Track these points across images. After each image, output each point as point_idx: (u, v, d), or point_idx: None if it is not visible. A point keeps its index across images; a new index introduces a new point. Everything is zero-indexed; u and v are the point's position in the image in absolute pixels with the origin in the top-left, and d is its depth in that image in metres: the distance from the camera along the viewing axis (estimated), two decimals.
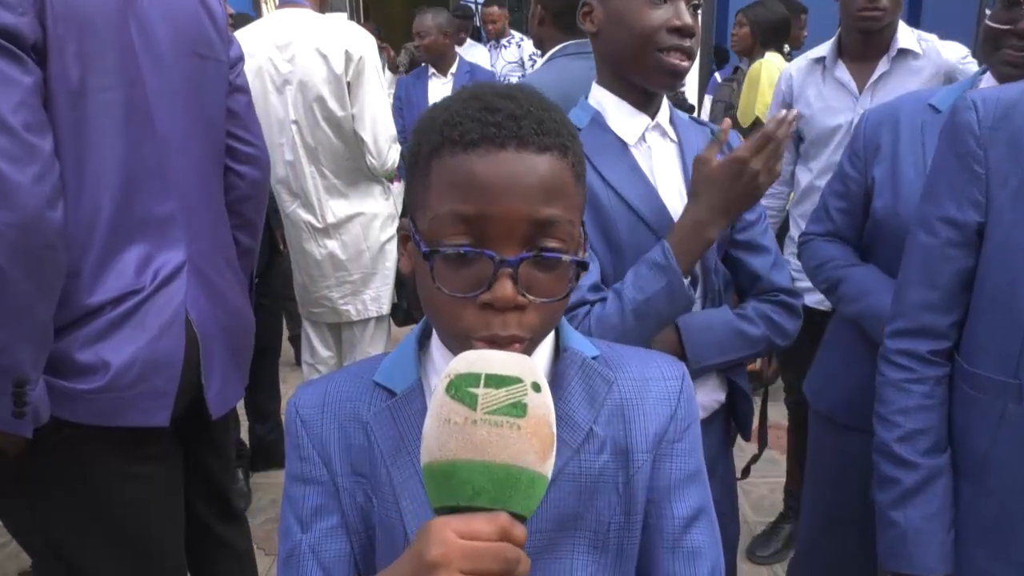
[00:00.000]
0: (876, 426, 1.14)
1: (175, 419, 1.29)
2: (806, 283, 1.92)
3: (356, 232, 2.44)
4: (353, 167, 2.39)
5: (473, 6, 6.57)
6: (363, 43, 2.27)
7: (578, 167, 0.69)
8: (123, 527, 1.30)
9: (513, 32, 5.69)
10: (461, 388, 0.57)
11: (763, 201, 2.29)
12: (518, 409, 0.56)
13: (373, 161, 2.34)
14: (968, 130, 1.03)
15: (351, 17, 6.06)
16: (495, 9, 5.56)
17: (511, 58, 5.54)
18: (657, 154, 1.24)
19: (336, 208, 2.42)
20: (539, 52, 5.73)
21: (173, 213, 1.27)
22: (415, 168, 0.69)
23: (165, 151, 1.26)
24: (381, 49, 4.14)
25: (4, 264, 1.00)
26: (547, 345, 0.78)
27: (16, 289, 1.02)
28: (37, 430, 1.12)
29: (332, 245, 2.45)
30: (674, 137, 1.26)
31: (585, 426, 0.74)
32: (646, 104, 1.23)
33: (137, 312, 1.21)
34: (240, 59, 1.49)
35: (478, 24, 6.25)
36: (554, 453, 0.58)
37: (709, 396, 1.30)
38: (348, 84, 2.26)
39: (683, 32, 1.14)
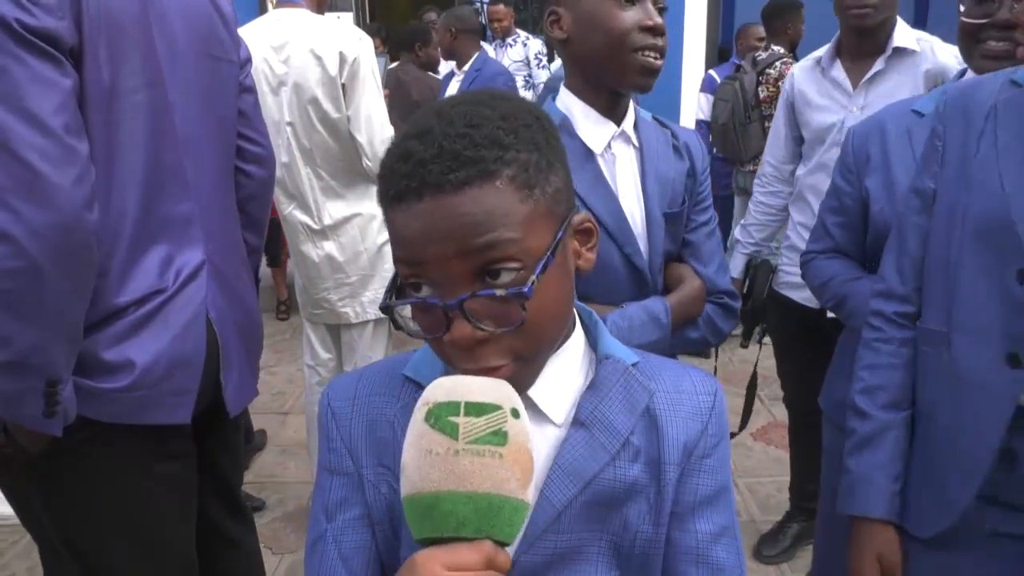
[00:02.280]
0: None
1: (193, 417, 1.31)
2: (795, 278, 1.93)
3: (353, 234, 2.42)
4: (349, 168, 2.38)
5: (479, 5, 6.57)
6: (358, 44, 2.25)
7: (525, 174, 0.64)
8: (141, 525, 1.31)
9: (519, 31, 5.67)
10: (441, 417, 0.57)
11: (764, 199, 2.37)
12: (499, 437, 0.56)
13: (369, 163, 2.32)
14: (937, 115, 1.14)
15: (357, 17, 6.06)
16: (501, 7, 5.54)
17: (517, 57, 5.53)
18: (620, 162, 1.27)
19: (333, 209, 2.40)
20: (544, 52, 5.69)
21: (192, 213, 1.29)
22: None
23: (184, 152, 1.28)
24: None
25: (45, 265, 1.02)
26: (579, 350, 0.78)
27: (55, 289, 1.04)
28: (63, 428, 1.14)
29: (329, 247, 2.43)
30: (636, 143, 1.28)
31: (624, 433, 0.74)
32: (613, 110, 1.26)
33: (161, 311, 1.23)
34: (248, 60, 1.51)
35: (484, 23, 6.24)
36: (534, 478, 0.59)
37: None
38: (343, 86, 2.25)
39: (655, 31, 1.18)
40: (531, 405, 0.72)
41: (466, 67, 3.91)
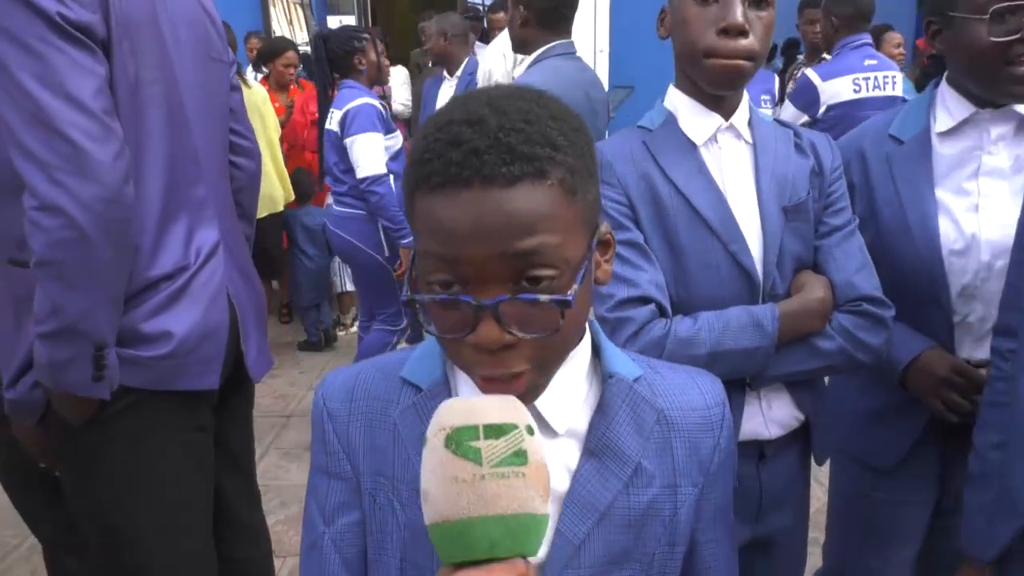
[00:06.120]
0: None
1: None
2: None
3: None
4: None
5: (481, 8, 6.58)
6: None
7: (571, 178, 0.62)
8: (169, 497, 1.36)
9: None
10: (462, 443, 0.57)
11: None
12: (520, 457, 0.57)
13: None
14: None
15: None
16: (502, 14, 5.56)
17: None
18: (728, 155, 1.19)
19: None
20: (519, 55, 5.71)
21: (206, 196, 1.38)
22: (405, 194, 0.66)
23: (195, 141, 1.36)
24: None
25: (93, 234, 1.10)
26: (585, 359, 0.76)
27: (101, 257, 1.13)
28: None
29: None
30: (749, 139, 1.20)
31: (635, 458, 0.73)
32: (717, 103, 1.18)
33: (189, 286, 1.32)
34: (235, 62, 1.59)
35: (486, 27, 6.24)
36: (551, 490, 0.60)
37: (786, 411, 1.24)
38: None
39: (729, 31, 1.08)
40: (535, 415, 0.71)
41: (458, 72, 4.02)
